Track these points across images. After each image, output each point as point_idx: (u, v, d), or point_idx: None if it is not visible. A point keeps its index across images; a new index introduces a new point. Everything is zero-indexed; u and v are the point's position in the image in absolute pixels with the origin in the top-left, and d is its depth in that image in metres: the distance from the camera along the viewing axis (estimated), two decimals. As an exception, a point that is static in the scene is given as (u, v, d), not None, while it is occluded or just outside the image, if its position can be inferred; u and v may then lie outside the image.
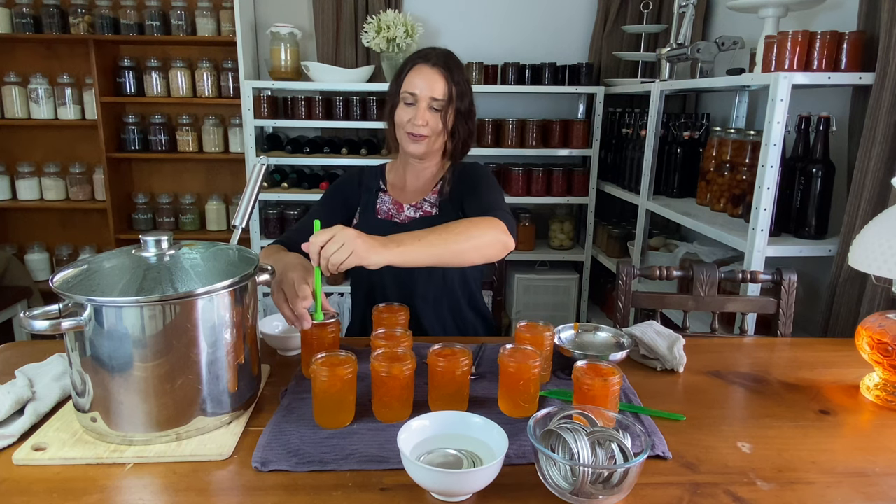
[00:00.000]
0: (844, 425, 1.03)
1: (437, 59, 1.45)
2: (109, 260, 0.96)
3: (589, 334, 1.26)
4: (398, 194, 1.56)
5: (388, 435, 0.93)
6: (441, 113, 1.44)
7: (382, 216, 1.53)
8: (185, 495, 0.81)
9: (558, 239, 3.27)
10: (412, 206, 1.53)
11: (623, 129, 2.91)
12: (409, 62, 1.49)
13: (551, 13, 3.26)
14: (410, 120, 1.44)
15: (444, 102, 1.43)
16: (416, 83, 1.43)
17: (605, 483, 0.79)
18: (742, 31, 2.37)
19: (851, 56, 1.71)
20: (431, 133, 1.45)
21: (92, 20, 3.10)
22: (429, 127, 1.44)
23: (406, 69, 1.47)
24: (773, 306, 1.53)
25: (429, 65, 1.44)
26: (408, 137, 1.46)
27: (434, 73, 1.43)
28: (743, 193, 1.99)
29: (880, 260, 1.05)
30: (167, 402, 0.90)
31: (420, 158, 1.51)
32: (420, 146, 1.46)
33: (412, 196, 1.56)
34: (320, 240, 1.05)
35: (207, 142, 3.27)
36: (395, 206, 1.54)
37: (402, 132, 1.47)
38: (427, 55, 1.47)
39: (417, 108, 1.43)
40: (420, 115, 1.42)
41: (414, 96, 1.43)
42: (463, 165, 1.57)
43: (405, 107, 1.45)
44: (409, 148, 1.47)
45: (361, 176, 1.61)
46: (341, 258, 1.04)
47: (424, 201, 1.54)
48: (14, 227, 3.45)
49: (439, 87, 1.43)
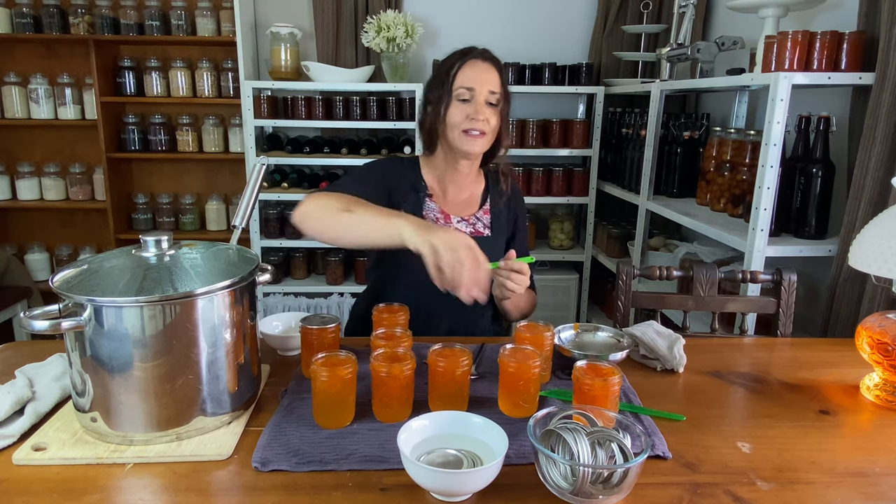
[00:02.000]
0: (844, 425, 1.03)
1: (486, 54, 1.41)
2: (109, 260, 0.96)
3: (589, 334, 1.26)
4: (441, 202, 1.49)
5: (388, 435, 0.93)
6: (497, 107, 1.40)
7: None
8: (185, 495, 0.81)
9: (558, 239, 3.27)
10: (463, 219, 1.48)
11: (623, 129, 2.91)
12: (456, 58, 1.41)
13: (551, 13, 3.26)
14: (469, 116, 1.37)
15: (500, 96, 1.39)
16: (473, 77, 1.37)
17: (605, 483, 0.79)
18: (742, 31, 2.37)
19: (851, 56, 1.71)
20: (490, 130, 1.40)
21: (92, 20, 3.10)
22: (488, 123, 1.38)
23: (456, 65, 1.40)
24: (773, 306, 1.53)
25: (480, 59, 1.39)
26: (465, 136, 1.38)
27: (487, 66, 1.39)
28: (743, 193, 1.99)
29: (880, 260, 1.05)
30: (167, 402, 0.90)
31: (473, 159, 1.45)
32: (478, 144, 1.39)
33: (456, 207, 1.50)
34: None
35: (207, 142, 3.27)
36: (443, 216, 1.47)
37: (457, 132, 1.39)
38: (473, 51, 1.41)
39: (475, 103, 1.37)
40: (480, 109, 1.37)
41: (471, 91, 1.37)
42: (516, 189, 1.56)
43: (459, 104, 1.38)
44: (467, 147, 1.39)
45: (407, 170, 1.49)
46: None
47: (476, 220, 1.50)
48: (14, 227, 3.45)
49: (494, 80, 1.38)
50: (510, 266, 1.27)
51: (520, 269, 1.27)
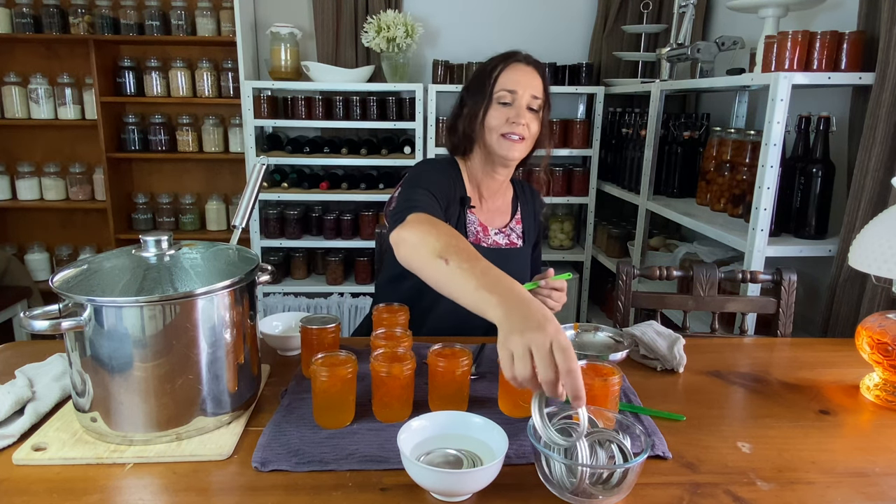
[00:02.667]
0: (844, 425, 1.03)
1: (529, 59, 1.38)
2: (109, 260, 0.96)
3: (589, 334, 1.26)
4: (478, 212, 1.44)
5: (388, 435, 0.93)
6: (538, 114, 1.37)
7: (471, 239, 1.40)
8: (185, 495, 0.81)
9: (558, 239, 3.27)
10: (500, 231, 1.45)
11: (623, 129, 2.91)
12: (499, 61, 1.38)
13: (551, 13, 3.26)
14: (510, 119, 1.34)
15: (542, 102, 1.37)
16: (515, 80, 1.34)
17: (604, 483, 0.79)
18: (742, 31, 2.37)
19: (851, 56, 1.71)
20: (529, 136, 1.36)
21: (92, 20, 3.10)
22: (528, 128, 1.35)
23: (498, 68, 1.37)
24: (773, 306, 1.53)
25: (523, 63, 1.37)
26: (503, 140, 1.35)
27: (530, 70, 1.36)
28: (743, 193, 1.99)
29: (880, 260, 1.05)
30: (167, 402, 0.90)
31: (510, 166, 1.42)
32: (517, 149, 1.35)
33: (491, 217, 1.47)
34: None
35: (207, 142, 3.27)
36: (482, 229, 1.43)
37: (496, 135, 1.35)
38: (517, 54, 1.38)
39: (517, 106, 1.34)
40: (522, 113, 1.34)
41: (514, 94, 1.34)
42: (538, 196, 1.56)
43: (500, 107, 1.35)
44: (505, 152, 1.35)
45: (456, 177, 1.41)
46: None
47: (511, 231, 1.48)
48: (14, 227, 3.45)
49: (537, 84, 1.36)
50: (551, 285, 1.26)
51: (559, 287, 1.26)
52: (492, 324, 0.89)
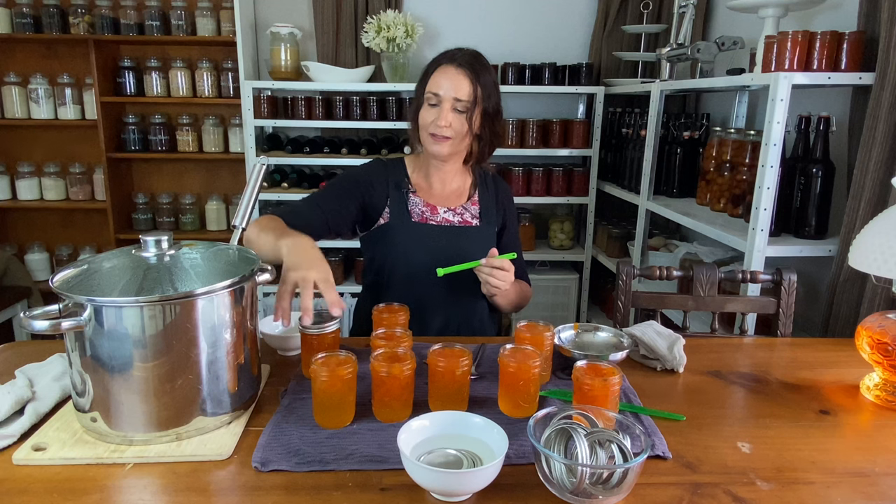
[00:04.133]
0: (844, 425, 1.03)
1: (462, 60, 1.42)
2: (109, 260, 0.96)
3: (589, 334, 1.26)
4: (426, 196, 1.54)
5: (388, 435, 0.93)
6: (465, 114, 1.42)
7: (417, 219, 1.50)
8: (185, 495, 0.81)
9: (558, 239, 3.27)
10: (451, 209, 1.53)
11: (623, 129, 2.91)
12: (434, 62, 1.46)
13: (551, 13, 3.26)
14: (434, 121, 1.41)
15: (468, 104, 1.41)
16: (440, 83, 1.41)
17: (604, 483, 0.79)
18: (742, 31, 2.37)
19: (851, 56, 1.71)
20: (455, 135, 1.43)
21: (92, 20, 3.10)
22: (452, 128, 1.42)
23: (431, 69, 1.45)
24: (773, 306, 1.53)
25: (454, 65, 1.41)
26: (431, 138, 1.44)
27: (459, 73, 1.41)
28: (743, 193, 1.99)
29: (880, 260, 1.05)
30: (167, 402, 0.90)
31: (443, 160, 1.50)
32: (443, 147, 1.44)
33: (443, 199, 1.54)
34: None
35: (207, 142, 3.27)
36: (429, 209, 1.52)
37: (426, 133, 1.45)
38: (453, 55, 1.43)
39: (441, 108, 1.41)
40: (443, 116, 1.40)
41: (437, 97, 1.41)
42: (501, 182, 1.62)
43: (429, 107, 1.43)
44: (432, 149, 1.45)
45: (388, 171, 1.54)
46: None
47: (464, 210, 1.54)
48: (14, 227, 3.45)
49: (464, 88, 1.40)
50: (491, 263, 1.32)
51: (501, 266, 1.31)
52: (444, 324, 1.50)
